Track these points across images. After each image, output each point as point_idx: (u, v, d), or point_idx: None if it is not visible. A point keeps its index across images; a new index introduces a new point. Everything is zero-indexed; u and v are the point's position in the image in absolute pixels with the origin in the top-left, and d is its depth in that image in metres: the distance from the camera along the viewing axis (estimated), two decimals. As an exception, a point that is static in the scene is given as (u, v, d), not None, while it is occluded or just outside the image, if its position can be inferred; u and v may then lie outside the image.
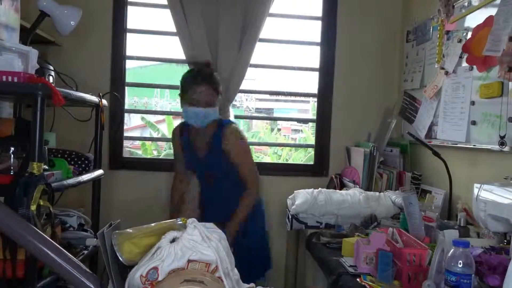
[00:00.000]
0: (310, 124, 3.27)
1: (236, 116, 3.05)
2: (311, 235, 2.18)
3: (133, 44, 2.93)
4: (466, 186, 2.09)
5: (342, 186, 2.79)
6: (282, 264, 2.86)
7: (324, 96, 3.02)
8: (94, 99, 2.08)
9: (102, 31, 2.81)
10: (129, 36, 2.90)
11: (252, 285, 1.18)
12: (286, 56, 3.18)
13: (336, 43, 2.98)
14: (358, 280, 1.51)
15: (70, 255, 1.07)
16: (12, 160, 1.63)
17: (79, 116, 2.34)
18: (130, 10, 2.90)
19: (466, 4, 2.19)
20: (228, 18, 2.73)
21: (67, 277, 1.06)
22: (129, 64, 2.97)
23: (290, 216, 2.31)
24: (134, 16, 2.93)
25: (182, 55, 2.79)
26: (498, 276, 1.34)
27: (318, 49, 3.01)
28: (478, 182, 1.59)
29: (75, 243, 1.89)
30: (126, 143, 3.10)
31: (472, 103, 2.10)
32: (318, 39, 3.02)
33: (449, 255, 1.24)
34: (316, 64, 3.02)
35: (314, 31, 3.03)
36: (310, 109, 5.10)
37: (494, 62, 1.91)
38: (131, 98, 4.56)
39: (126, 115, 3.45)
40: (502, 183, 1.54)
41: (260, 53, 2.90)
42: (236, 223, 2.16)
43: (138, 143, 5.22)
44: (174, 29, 2.74)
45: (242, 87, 2.84)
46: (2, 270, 1.47)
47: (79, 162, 2.07)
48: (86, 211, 2.28)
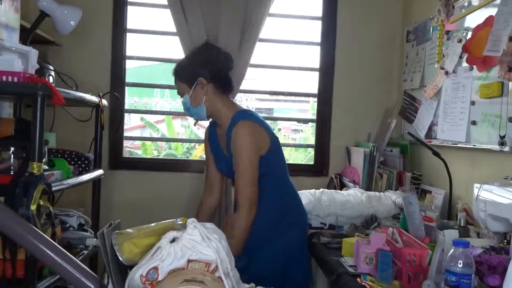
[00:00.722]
0: (310, 124, 3.26)
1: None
2: (311, 235, 2.18)
3: (133, 44, 2.93)
4: (466, 186, 2.09)
5: (342, 186, 2.79)
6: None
7: (324, 96, 3.02)
8: (94, 99, 2.08)
9: (102, 31, 2.81)
10: (129, 36, 2.90)
11: (252, 285, 1.18)
12: (286, 56, 3.18)
13: (336, 43, 2.98)
14: (358, 280, 1.51)
15: (70, 255, 1.07)
16: (12, 160, 1.63)
17: (79, 116, 2.34)
18: (130, 10, 2.90)
19: (466, 4, 2.19)
20: (228, 18, 2.73)
21: (67, 277, 1.06)
22: (129, 64, 2.97)
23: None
24: (134, 16, 2.93)
25: (182, 55, 2.79)
26: (498, 276, 1.34)
27: (318, 49, 3.01)
28: (478, 182, 1.59)
29: (75, 243, 1.89)
30: (126, 143, 3.10)
31: (472, 103, 2.10)
32: (318, 39, 3.02)
33: (449, 255, 1.24)
34: (316, 64, 3.02)
35: (314, 31, 3.03)
36: (310, 109, 5.09)
37: (494, 62, 1.91)
38: (131, 98, 4.55)
39: (126, 115, 3.46)
40: (502, 183, 1.54)
41: (260, 53, 2.90)
42: None
43: (138, 143, 5.22)
44: (174, 29, 2.75)
45: (242, 87, 2.84)
46: (2, 270, 1.47)
47: (79, 162, 2.07)
48: (86, 211, 2.28)
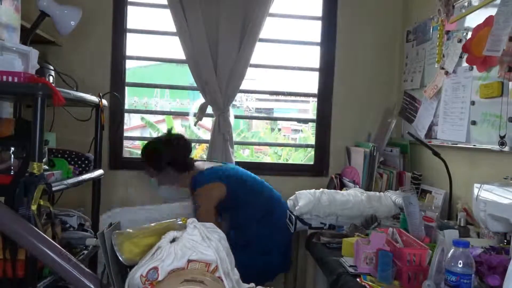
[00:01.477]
0: (310, 124, 3.26)
1: (236, 116, 3.05)
2: (311, 235, 2.18)
3: (133, 44, 2.93)
4: (466, 186, 2.09)
5: (342, 186, 2.79)
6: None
7: (324, 96, 3.02)
8: (94, 99, 2.08)
9: (102, 31, 2.81)
10: (129, 36, 2.90)
11: (252, 285, 1.18)
12: (286, 56, 3.18)
13: (336, 43, 2.98)
14: (358, 280, 1.51)
15: (70, 255, 1.08)
16: (12, 160, 1.63)
17: (79, 116, 2.34)
18: (130, 10, 2.90)
19: (466, 4, 2.19)
20: (228, 18, 2.73)
21: (67, 277, 1.06)
22: (129, 64, 2.96)
23: (293, 217, 2.30)
24: (134, 16, 2.93)
25: (182, 55, 2.79)
26: (498, 276, 1.34)
27: (318, 49, 3.01)
28: (478, 182, 1.59)
29: (75, 243, 1.89)
30: (126, 143, 3.09)
31: (472, 103, 2.10)
32: (318, 39, 3.01)
33: (449, 255, 1.24)
34: (316, 64, 3.02)
35: (314, 31, 3.03)
36: (310, 109, 5.09)
37: (494, 62, 1.91)
38: (131, 98, 4.55)
39: (126, 115, 3.46)
40: (502, 183, 1.54)
41: (260, 53, 2.90)
42: None
43: (138, 143, 5.21)
44: (174, 29, 2.75)
45: (242, 87, 2.84)
46: (2, 270, 1.47)
47: (79, 162, 2.07)
48: (86, 211, 2.28)
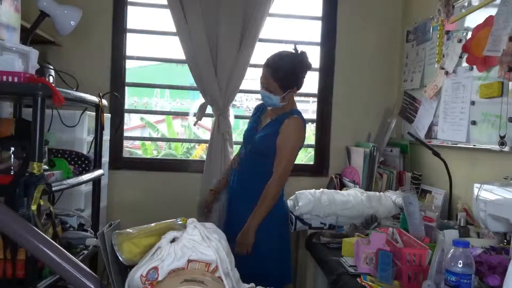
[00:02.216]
0: (310, 124, 3.26)
1: (236, 116, 3.05)
2: (311, 235, 2.18)
3: (133, 44, 2.93)
4: (466, 186, 2.09)
5: (342, 186, 2.79)
6: (282, 264, 2.86)
7: (324, 96, 3.02)
8: (94, 99, 2.08)
9: (102, 31, 2.82)
10: (129, 36, 2.90)
11: (252, 285, 1.18)
12: (286, 56, 3.17)
13: (336, 43, 2.98)
14: (358, 280, 1.51)
15: (70, 255, 1.07)
16: (12, 160, 1.63)
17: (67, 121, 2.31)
18: (130, 10, 2.90)
19: (466, 4, 2.19)
20: (228, 18, 2.73)
21: (67, 277, 1.06)
22: (129, 64, 2.97)
23: (293, 217, 2.31)
24: (134, 16, 2.93)
25: (182, 55, 2.79)
26: (498, 276, 1.34)
27: (318, 49, 3.01)
28: (478, 182, 1.59)
29: (75, 243, 1.88)
30: (126, 143, 3.10)
31: (472, 103, 2.10)
32: (318, 39, 3.02)
33: (449, 255, 1.24)
34: (316, 64, 3.02)
35: (314, 31, 3.03)
36: (310, 109, 5.09)
37: (494, 62, 1.91)
38: (131, 98, 4.56)
39: (126, 115, 3.46)
40: (502, 183, 1.54)
41: (260, 53, 2.90)
42: (252, 223, 2.03)
43: (138, 143, 5.22)
44: (174, 29, 2.75)
45: (242, 87, 2.84)
46: (3, 270, 1.47)
47: (79, 162, 2.06)
48: (86, 211, 2.28)
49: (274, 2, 2.79)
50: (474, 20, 2.11)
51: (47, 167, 1.70)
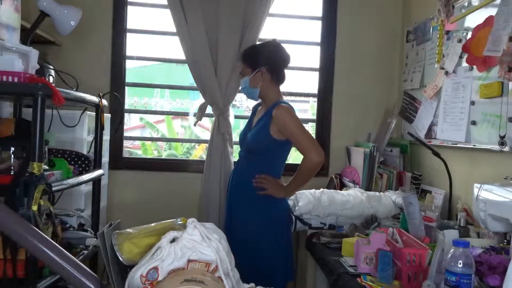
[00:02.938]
0: (310, 124, 3.26)
1: (236, 116, 3.05)
2: (311, 235, 2.18)
3: (133, 44, 2.93)
4: (466, 186, 2.09)
5: (342, 186, 2.79)
6: (282, 264, 2.86)
7: (324, 96, 3.02)
8: (94, 99, 2.08)
9: (102, 31, 2.82)
10: (129, 36, 2.90)
11: (252, 285, 1.18)
12: (286, 56, 3.18)
13: (336, 43, 2.98)
14: (358, 280, 1.51)
15: (70, 255, 1.07)
16: (12, 160, 1.63)
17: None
18: (130, 10, 2.90)
19: (466, 4, 2.19)
20: (228, 18, 2.73)
21: (67, 277, 1.06)
22: (129, 64, 2.97)
23: (293, 217, 2.30)
24: (134, 16, 2.93)
25: (182, 55, 2.79)
26: (498, 276, 1.34)
27: (318, 49, 3.01)
28: (478, 182, 1.59)
29: (75, 243, 1.89)
30: (126, 143, 3.10)
31: (472, 103, 2.10)
32: (318, 39, 3.02)
33: (449, 255, 1.24)
34: (316, 64, 3.02)
35: (314, 31, 3.03)
36: (310, 109, 5.09)
37: (494, 62, 1.91)
38: (131, 98, 4.56)
39: (126, 115, 3.46)
40: (502, 183, 1.54)
41: (260, 53, 2.89)
42: (292, 185, 2.10)
43: (138, 143, 5.22)
44: (174, 29, 2.75)
45: (242, 87, 2.84)
46: (3, 270, 1.47)
47: (79, 162, 2.06)
48: (86, 211, 2.28)
49: (274, 2, 2.79)
50: (474, 20, 2.11)
51: (47, 167, 1.70)
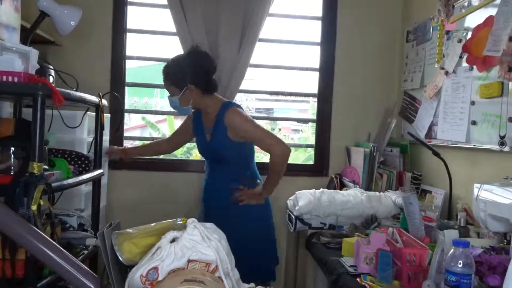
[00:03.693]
0: (310, 124, 3.26)
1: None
2: (311, 235, 2.18)
3: (133, 44, 2.93)
4: (466, 186, 2.09)
5: (342, 186, 2.79)
6: (282, 264, 2.85)
7: (324, 96, 3.02)
8: (94, 99, 2.08)
9: (102, 31, 2.82)
10: (129, 36, 2.90)
11: (252, 285, 1.18)
12: (286, 56, 3.18)
13: (336, 43, 2.98)
14: (358, 280, 1.52)
15: (70, 255, 1.07)
16: (12, 160, 1.63)
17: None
18: (130, 10, 2.90)
19: (466, 4, 2.19)
20: (228, 18, 2.73)
21: (67, 277, 1.06)
22: (129, 64, 2.97)
23: (293, 217, 2.31)
24: (134, 16, 2.93)
25: (182, 55, 2.78)
26: (498, 276, 1.34)
27: (318, 49, 3.01)
28: (478, 182, 1.59)
29: (75, 243, 1.88)
30: (126, 143, 3.09)
31: (472, 103, 2.10)
32: (318, 39, 3.02)
33: (449, 255, 1.24)
34: (316, 64, 3.02)
35: (314, 31, 3.03)
36: (310, 109, 5.09)
37: (494, 62, 1.91)
38: (131, 98, 4.55)
39: (126, 115, 3.45)
40: (502, 183, 1.54)
41: (260, 53, 2.89)
42: (269, 186, 2.21)
43: (138, 143, 5.21)
44: (174, 29, 2.75)
45: (242, 87, 2.84)
46: (2, 270, 1.47)
47: (79, 162, 2.06)
48: (86, 211, 2.28)
49: (274, 2, 2.79)
50: (474, 20, 2.11)
51: (47, 167, 1.70)
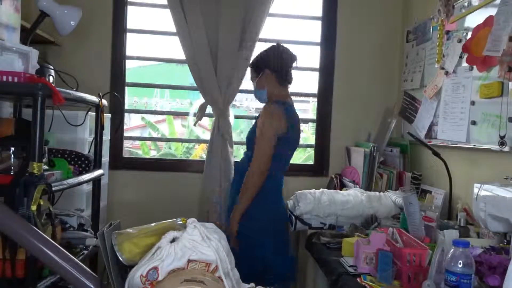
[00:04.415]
0: (310, 124, 3.27)
1: (236, 116, 3.06)
2: (311, 235, 2.18)
3: (133, 44, 2.93)
4: (466, 186, 2.09)
5: (342, 186, 2.79)
6: (282, 264, 2.86)
7: (324, 96, 3.02)
8: (94, 99, 2.08)
9: (102, 31, 2.82)
10: (129, 36, 2.90)
11: (252, 285, 1.18)
12: (286, 56, 3.18)
13: (336, 43, 2.98)
14: (358, 280, 1.51)
15: (70, 255, 1.07)
16: (12, 160, 1.63)
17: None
18: (130, 10, 2.90)
19: (466, 4, 2.19)
20: (228, 18, 2.73)
21: (67, 277, 1.06)
22: (129, 64, 2.97)
23: (293, 217, 2.31)
24: (134, 16, 2.93)
25: (182, 55, 2.79)
26: (498, 276, 1.34)
27: (318, 49, 3.01)
28: (478, 182, 1.59)
29: (75, 243, 1.89)
30: (126, 143, 3.10)
31: (472, 103, 2.10)
32: (318, 39, 3.02)
33: (449, 255, 1.24)
34: (316, 64, 3.02)
35: (314, 31, 3.03)
36: (310, 109, 5.09)
37: (494, 62, 1.91)
38: (131, 98, 4.55)
39: (126, 115, 3.46)
40: (502, 183, 1.54)
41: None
42: (235, 213, 2.10)
43: (138, 143, 5.21)
44: (174, 29, 2.75)
45: (242, 87, 2.84)
46: (2, 270, 1.47)
47: (79, 162, 2.06)
48: (86, 211, 2.28)
49: (274, 2, 2.79)
50: (474, 20, 2.11)
51: (47, 167, 1.70)
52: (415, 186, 2.52)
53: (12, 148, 1.64)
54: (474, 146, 2.08)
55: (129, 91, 3.17)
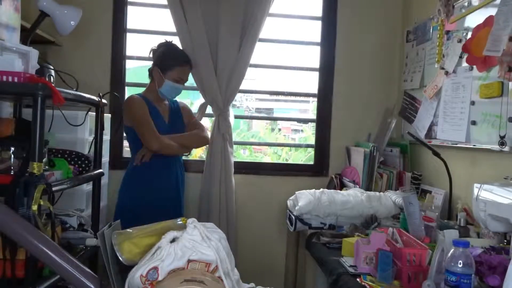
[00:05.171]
0: (310, 124, 3.27)
1: (236, 116, 3.05)
2: (311, 235, 2.18)
3: (133, 44, 2.93)
4: (466, 186, 2.09)
5: (342, 186, 2.79)
6: (282, 264, 2.86)
7: (324, 96, 3.02)
8: (94, 99, 2.08)
9: (102, 31, 2.82)
10: (129, 36, 2.90)
11: (252, 285, 1.18)
12: (286, 56, 3.18)
13: (336, 43, 2.98)
14: (358, 280, 1.51)
15: (70, 255, 1.07)
16: (12, 160, 1.63)
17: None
18: (130, 10, 2.90)
19: (466, 4, 2.19)
20: (228, 18, 2.73)
21: (67, 277, 1.06)
22: (129, 64, 2.97)
23: (293, 217, 2.31)
24: (134, 16, 2.93)
25: (182, 55, 2.78)
26: (498, 276, 1.34)
27: (318, 49, 3.01)
28: (478, 182, 1.59)
29: (75, 243, 1.88)
30: (126, 143, 3.09)
31: (472, 103, 2.10)
32: (318, 39, 3.02)
33: (449, 255, 1.24)
34: (316, 64, 3.02)
35: (314, 31, 3.03)
36: (310, 109, 5.08)
37: (494, 62, 1.91)
38: (131, 98, 4.54)
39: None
40: (502, 183, 1.54)
41: (260, 53, 2.90)
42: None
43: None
44: (174, 29, 2.75)
45: (242, 87, 2.84)
46: (2, 270, 1.47)
47: (79, 162, 2.06)
48: (86, 211, 2.28)
49: (274, 2, 2.79)
50: (474, 20, 2.11)
51: (47, 167, 1.70)
52: (415, 186, 2.53)
53: (12, 148, 1.64)
54: (474, 146, 2.08)
55: (129, 91, 3.17)
